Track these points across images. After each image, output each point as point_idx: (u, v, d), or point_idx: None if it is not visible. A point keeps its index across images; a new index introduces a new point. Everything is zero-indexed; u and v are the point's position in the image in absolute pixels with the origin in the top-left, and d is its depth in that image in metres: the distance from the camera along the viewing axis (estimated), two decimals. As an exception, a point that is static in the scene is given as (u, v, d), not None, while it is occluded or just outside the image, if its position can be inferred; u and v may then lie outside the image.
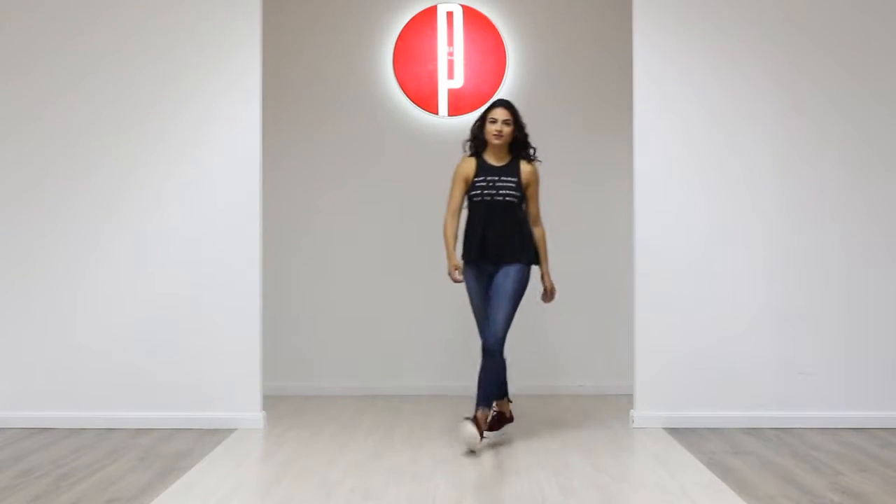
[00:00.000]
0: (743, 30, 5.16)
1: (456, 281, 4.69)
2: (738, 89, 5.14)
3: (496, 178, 4.67)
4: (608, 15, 6.25)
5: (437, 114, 6.32)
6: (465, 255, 4.72)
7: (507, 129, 4.66)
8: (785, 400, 5.08)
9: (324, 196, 6.33)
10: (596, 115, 6.30)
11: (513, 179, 4.68)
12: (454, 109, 6.25)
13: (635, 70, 5.13)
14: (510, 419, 4.96)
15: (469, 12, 6.34)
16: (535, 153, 4.78)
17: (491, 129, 4.68)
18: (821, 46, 5.15)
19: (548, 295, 4.92)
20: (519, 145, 4.74)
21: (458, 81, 6.32)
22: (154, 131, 5.13)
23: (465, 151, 4.80)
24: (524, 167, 4.72)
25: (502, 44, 6.34)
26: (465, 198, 4.75)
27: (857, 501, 3.61)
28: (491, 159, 4.73)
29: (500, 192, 4.65)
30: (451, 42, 6.33)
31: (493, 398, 4.69)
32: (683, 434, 4.86)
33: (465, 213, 4.79)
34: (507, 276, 4.62)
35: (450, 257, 4.67)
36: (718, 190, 5.14)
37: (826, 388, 5.09)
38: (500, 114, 4.69)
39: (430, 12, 6.35)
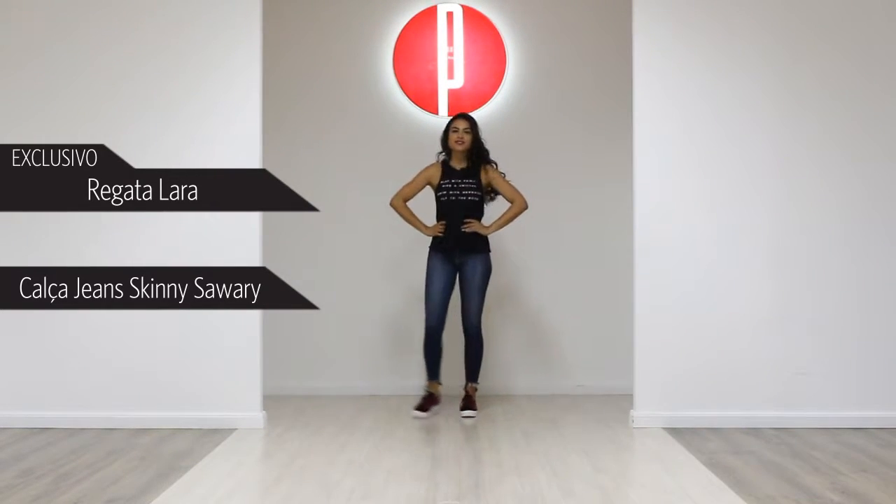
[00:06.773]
0: (744, 26, 5.14)
1: (436, 233, 5.50)
2: (740, 86, 5.13)
3: (459, 181, 5.51)
4: (608, 14, 6.24)
5: (437, 114, 6.31)
6: (436, 245, 5.54)
7: (467, 137, 5.50)
8: (785, 400, 5.08)
9: (323, 196, 6.28)
10: (596, 114, 6.30)
11: (473, 181, 5.51)
12: (454, 109, 6.21)
13: (636, 69, 5.12)
14: (437, 401, 5.57)
15: (469, 12, 6.34)
16: (495, 166, 5.60)
17: (453, 137, 5.51)
18: (823, 41, 5.13)
19: (470, 226, 5.49)
20: (478, 154, 5.55)
21: (458, 81, 6.32)
22: (153, 130, 5.12)
23: (437, 159, 5.61)
24: (483, 170, 5.55)
25: (502, 44, 6.34)
26: (435, 199, 5.57)
27: (857, 501, 3.61)
28: (454, 164, 5.57)
29: (464, 192, 5.50)
30: (451, 42, 6.33)
31: (478, 373, 5.61)
32: (683, 434, 4.86)
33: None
34: (474, 272, 5.50)
35: (419, 225, 5.57)
36: (719, 189, 5.14)
37: (826, 388, 5.09)
38: (461, 124, 5.52)
39: (430, 12, 6.35)
